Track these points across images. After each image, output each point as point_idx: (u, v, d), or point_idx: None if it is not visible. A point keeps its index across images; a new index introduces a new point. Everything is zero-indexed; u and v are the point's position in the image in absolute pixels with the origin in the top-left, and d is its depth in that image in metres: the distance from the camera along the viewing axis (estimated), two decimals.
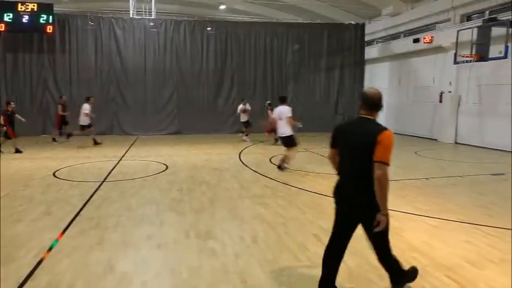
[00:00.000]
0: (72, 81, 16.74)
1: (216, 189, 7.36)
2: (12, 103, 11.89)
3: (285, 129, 8.95)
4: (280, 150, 12.50)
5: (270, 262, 4.11)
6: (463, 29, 13.18)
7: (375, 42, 21.58)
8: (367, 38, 20.81)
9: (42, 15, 15.24)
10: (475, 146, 14.30)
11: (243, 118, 15.16)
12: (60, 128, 14.11)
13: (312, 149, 12.95)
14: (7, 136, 11.37)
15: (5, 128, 11.24)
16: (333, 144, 3.43)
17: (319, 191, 7.20)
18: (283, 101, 9.39)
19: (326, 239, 4.67)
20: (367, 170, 3.02)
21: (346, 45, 19.85)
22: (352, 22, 20.44)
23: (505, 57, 11.32)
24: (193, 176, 8.52)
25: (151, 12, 18.42)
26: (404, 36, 19.24)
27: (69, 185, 7.55)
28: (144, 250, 4.42)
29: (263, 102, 16.65)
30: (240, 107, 15.19)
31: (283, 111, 9.00)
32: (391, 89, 20.21)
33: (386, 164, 2.98)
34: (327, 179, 8.35)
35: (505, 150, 12.82)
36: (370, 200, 3.04)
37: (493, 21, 12.43)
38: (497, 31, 12.03)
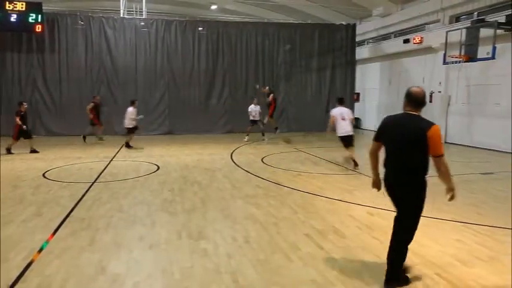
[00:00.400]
0: (62, 80, 16.56)
1: (208, 190, 7.35)
2: (24, 103, 11.82)
3: (349, 129, 9.49)
4: (271, 150, 12.58)
5: (262, 262, 4.12)
6: (452, 30, 13.33)
7: (366, 43, 21.72)
8: (358, 39, 20.93)
9: (31, 14, 15.05)
10: (464, 145, 14.47)
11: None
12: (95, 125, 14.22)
13: (303, 149, 12.99)
14: (26, 135, 11.45)
15: (24, 127, 11.26)
16: (378, 138, 3.74)
17: (311, 191, 7.23)
18: (341, 102, 9.95)
19: (318, 239, 4.77)
20: (413, 161, 3.41)
21: (337, 45, 19.93)
22: (343, 22, 20.54)
23: (493, 57, 11.48)
24: (185, 177, 8.49)
25: (142, 12, 18.33)
26: (395, 36, 19.41)
27: (60, 186, 7.48)
28: (136, 251, 4.40)
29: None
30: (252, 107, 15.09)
31: (345, 111, 9.61)
32: (381, 89, 20.38)
33: (442, 155, 3.36)
34: (319, 178, 8.41)
35: (494, 150, 13.00)
36: (410, 186, 3.48)
37: (481, 23, 12.59)
38: (485, 32, 12.19)
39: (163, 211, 5.92)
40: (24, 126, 11.27)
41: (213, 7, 21.89)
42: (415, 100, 3.53)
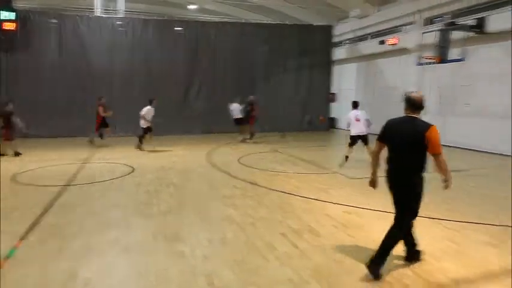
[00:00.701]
0: (34, 80, 16.07)
1: (184, 191, 7.31)
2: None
3: (364, 129, 10.05)
4: (248, 150, 12.59)
5: (239, 263, 4.12)
6: (426, 32, 13.68)
7: (343, 44, 22.02)
8: (335, 39, 21.22)
9: (1, 12, 14.55)
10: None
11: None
12: (98, 129, 13.57)
13: (281, 149, 13.06)
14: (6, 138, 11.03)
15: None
16: (381, 139, 4.09)
17: (289, 191, 7.28)
18: (356, 105, 10.58)
19: (295, 239, 4.81)
20: (413, 159, 3.81)
21: (314, 46, 20.14)
22: (321, 24, 20.77)
23: (463, 59, 11.84)
24: (161, 178, 8.40)
25: (118, 11, 18.01)
26: (371, 38, 19.75)
27: (30, 189, 7.27)
28: (109, 255, 4.33)
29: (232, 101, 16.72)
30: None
31: (360, 114, 10.22)
32: (358, 89, 20.71)
33: (440, 154, 3.74)
34: (296, 178, 8.48)
35: (466, 148, 13.42)
36: (410, 181, 3.87)
37: (453, 25, 12.97)
38: (456, 34, 12.56)
39: (139, 214, 5.84)
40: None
41: (191, 7, 21.75)
42: (414, 104, 3.93)
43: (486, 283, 3.77)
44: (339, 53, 21.30)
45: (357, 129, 10.04)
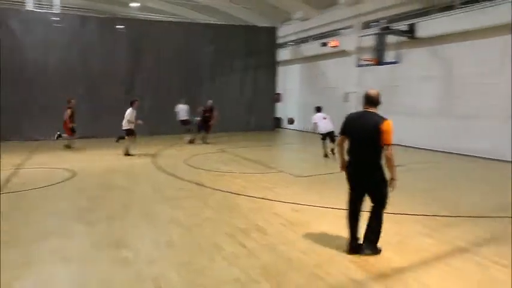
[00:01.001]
0: None
1: (129, 195, 7.07)
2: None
3: (331, 126, 11.23)
4: (194, 151, 12.48)
5: (186, 265, 4.08)
6: (364, 36, 14.39)
7: (287, 45, 22.53)
8: (279, 41, 21.64)
9: None
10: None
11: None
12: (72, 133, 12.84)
13: (227, 149, 13.09)
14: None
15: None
16: (343, 132, 4.42)
17: (235, 191, 7.32)
18: (319, 110, 11.91)
19: (242, 238, 4.84)
20: (372, 150, 4.14)
21: (259, 47, 20.39)
22: (266, 25, 21.08)
23: (397, 62, 12.62)
24: (104, 182, 8.06)
25: (53, 6, 16.97)
26: (314, 40, 20.40)
27: None
28: (47, 266, 4.07)
29: (178, 102, 16.45)
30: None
31: (324, 115, 11.65)
32: (302, 89, 21.32)
33: (390, 145, 4.08)
34: (242, 178, 8.53)
35: (403, 145, 14.30)
36: (373, 172, 4.19)
37: (387, 30, 13.79)
38: (391, 39, 13.36)
39: (79, 221, 5.55)
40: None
41: (133, 4, 21.07)
42: (371, 100, 4.33)
43: (423, 270, 4.05)
44: (283, 54, 21.76)
45: (326, 126, 11.24)
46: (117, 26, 17.12)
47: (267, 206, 6.40)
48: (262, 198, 6.81)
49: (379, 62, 13.30)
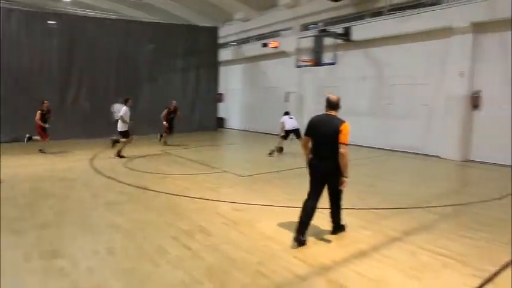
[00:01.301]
0: None
1: (65, 201, 6.66)
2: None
3: (296, 124, 12.10)
4: (135, 153, 12.08)
5: (128, 271, 3.95)
6: (302, 37, 14.83)
7: (229, 45, 22.57)
8: (221, 41, 21.61)
9: None
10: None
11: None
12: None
13: (169, 151, 12.84)
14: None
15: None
16: (307, 133, 4.84)
17: (178, 192, 7.20)
18: (287, 113, 12.70)
19: (186, 240, 4.78)
20: (333, 150, 4.55)
21: (201, 46, 20.22)
22: (207, 24, 20.94)
23: (334, 63, 13.18)
24: (36, 189, 7.50)
25: None
26: (255, 40, 20.64)
27: None
28: None
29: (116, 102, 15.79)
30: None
31: (289, 116, 12.46)
32: (244, 89, 21.49)
33: (346, 144, 4.53)
34: (185, 179, 8.42)
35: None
36: (335, 169, 4.59)
37: (324, 32, 14.34)
38: (329, 40, 13.92)
39: (7, 231, 5.13)
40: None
41: None
42: (332, 104, 4.86)
43: (360, 261, 4.27)
44: (225, 54, 21.77)
45: (291, 125, 12.03)
46: (48, 22, 16.02)
47: (210, 206, 6.37)
48: (206, 199, 6.78)
49: (317, 63, 13.78)
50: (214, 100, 21.22)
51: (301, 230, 4.64)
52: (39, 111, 11.89)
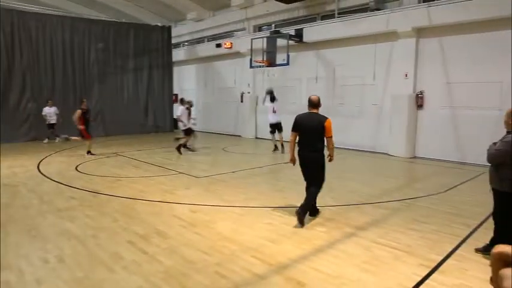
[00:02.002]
0: None
1: (9, 210, 6.23)
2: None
3: (278, 118, 12.51)
4: (86, 156, 11.57)
5: (81, 280, 3.78)
6: (256, 38, 14.94)
7: (182, 45, 22.25)
8: (174, 41, 21.24)
9: None
10: (270, 139, 16.44)
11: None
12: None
13: (122, 153, 12.42)
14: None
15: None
16: (295, 129, 5.66)
17: (132, 196, 7.00)
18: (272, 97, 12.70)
19: (142, 244, 4.67)
20: (318, 142, 5.49)
21: (153, 46, 19.77)
22: (159, 24, 20.49)
23: (287, 64, 13.41)
24: None
25: None
26: (208, 40, 20.50)
27: None
28: None
29: (66, 104, 15.06)
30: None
31: (275, 106, 12.56)
32: (198, 89, 21.28)
33: (332, 136, 5.53)
34: (139, 182, 8.20)
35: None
36: (318, 158, 5.53)
37: (277, 34, 14.55)
38: (281, 42, 14.12)
39: None
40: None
41: None
42: (314, 104, 5.64)
43: (317, 257, 4.38)
44: (178, 54, 21.44)
45: (274, 119, 12.36)
46: None
47: (166, 209, 6.26)
48: (162, 202, 6.64)
49: (271, 63, 13.94)
50: (170, 101, 20.81)
51: (304, 212, 5.45)
52: (79, 111, 11.54)
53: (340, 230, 5.28)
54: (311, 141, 5.50)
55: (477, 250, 4.52)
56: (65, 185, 7.93)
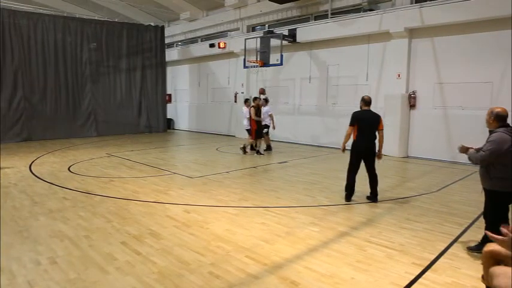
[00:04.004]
0: None
1: (1, 211, 6.18)
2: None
3: (268, 121, 12.57)
4: (79, 157, 11.51)
5: (74, 281, 3.75)
6: (249, 38, 14.96)
7: (175, 45, 22.19)
8: (167, 41, 21.18)
9: None
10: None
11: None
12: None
13: (115, 153, 12.35)
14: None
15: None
16: (353, 124, 6.60)
17: (126, 196, 6.97)
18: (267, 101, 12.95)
19: (136, 245, 4.65)
20: (374, 135, 6.55)
21: (146, 46, 19.69)
22: (152, 23, 20.41)
23: (281, 64, 13.43)
24: None
25: None
26: (202, 40, 20.47)
27: None
28: None
29: (59, 105, 14.93)
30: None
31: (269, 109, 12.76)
32: (191, 89, 21.24)
33: (383, 129, 6.60)
34: (133, 183, 8.16)
35: (287, 142, 15.29)
36: (374, 148, 6.60)
37: (270, 34, 14.57)
38: (275, 42, 14.15)
39: None
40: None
41: None
42: (367, 102, 6.70)
43: (311, 256, 4.39)
44: (171, 54, 21.39)
45: (267, 121, 12.52)
46: None
47: (160, 209, 6.23)
48: (155, 202, 6.62)
49: (265, 63, 13.96)
50: (163, 101, 20.75)
51: (351, 194, 6.76)
52: (251, 108, 11.82)
53: (333, 230, 5.30)
54: (369, 133, 6.50)
55: (469, 249, 4.56)
56: (58, 185, 7.87)
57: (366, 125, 6.51)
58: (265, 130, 12.51)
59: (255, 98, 12.42)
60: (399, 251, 4.57)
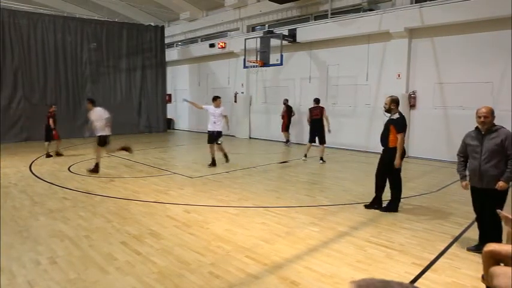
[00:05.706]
0: None
1: (1, 211, 6.18)
2: (54, 106, 11.96)
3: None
4: (79, 157, 11.50)
5: (74, 281, 3.75)
6: (249, 38, 14.95)
7: (175, 45, 22.18)
8: (167, 41, 21.17)
9: None
10: (264, 139, 16.50)
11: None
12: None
13: (116, 153, 12.32)
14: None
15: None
16: (403, 130, 6.07)
17: (125, 196, 6.97)
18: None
19: (136, 245, 4.65)
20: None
21: (146, 46, 19.69)
22: (152, 23, 20.40)
23: (281, 64, 13.43)
24: None
25: None
26: (202, 40, 20.46)
27: None
28: None
29: (59, 105, 14.91)
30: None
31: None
32: (191, 89, 21.23)
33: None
34: (133, 183, 8.16)
35: (283, 142, 15.31)
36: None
37: (270, 34, 14.56)
38: (275, 42, 14.15)
39: None
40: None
41: None
42: (398, 103, 6.25)
43: (311, 256, 4.39)
44: (171, 54, 21.39)
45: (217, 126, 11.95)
46: None
47: (160, 209, 6.24)
48: (155, 202, 6.62)
49: (265, 63, 13.96)
50: (163, 101, 20.73)
51: (377, 201, 6.33)
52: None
53: (333, 230, 5.30)
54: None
55: (469, 249, 4.57)
56: (58, 185, 7.87)
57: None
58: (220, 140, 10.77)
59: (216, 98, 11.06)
60: (399, 251, 4.57)
